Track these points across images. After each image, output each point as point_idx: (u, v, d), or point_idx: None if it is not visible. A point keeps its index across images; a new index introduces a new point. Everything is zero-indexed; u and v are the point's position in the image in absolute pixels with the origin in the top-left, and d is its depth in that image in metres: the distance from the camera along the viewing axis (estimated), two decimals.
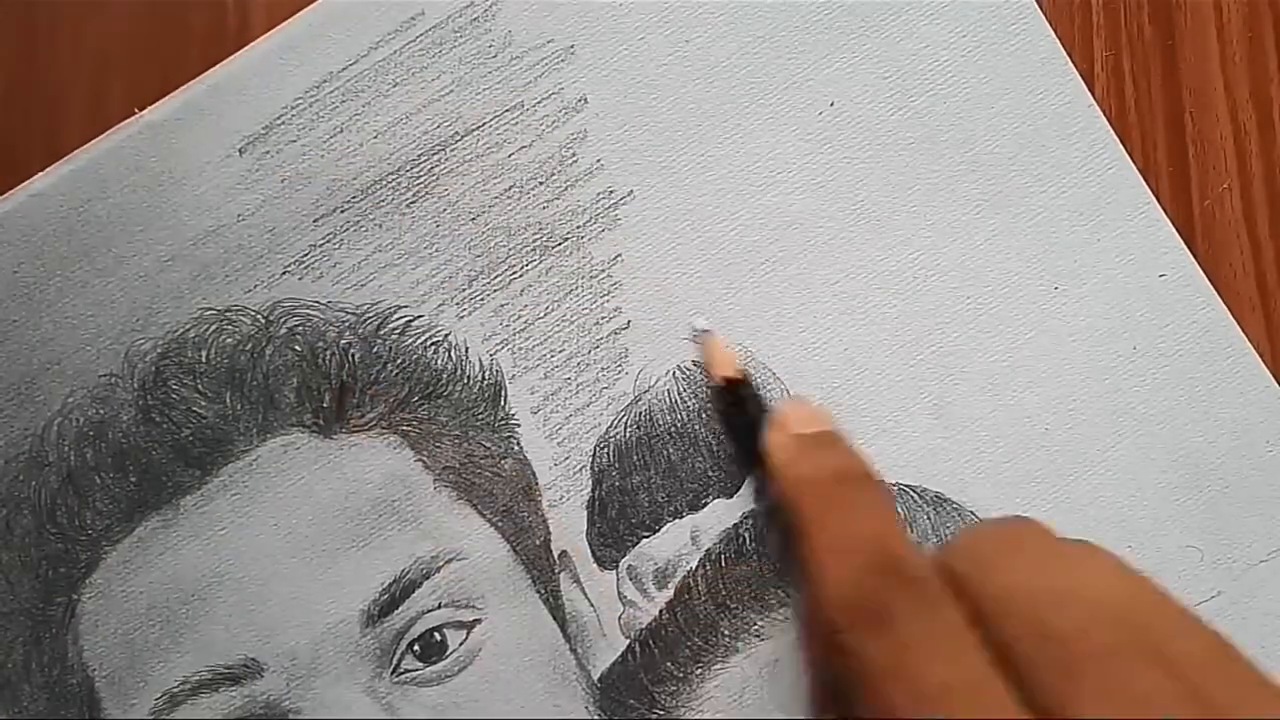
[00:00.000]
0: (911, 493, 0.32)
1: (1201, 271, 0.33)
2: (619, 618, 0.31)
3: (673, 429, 0.32)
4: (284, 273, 0.32)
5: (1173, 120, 0.34)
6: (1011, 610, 0.22)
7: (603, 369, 0.32)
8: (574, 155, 0.33)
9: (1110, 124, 0.34)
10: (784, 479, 0.29)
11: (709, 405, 0.32)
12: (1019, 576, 0.23)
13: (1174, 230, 0.33)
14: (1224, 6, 0.35)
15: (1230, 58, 0.35)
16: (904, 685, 0.22)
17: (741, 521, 0.32)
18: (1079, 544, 0.24)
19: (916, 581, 0.24)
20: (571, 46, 0.33)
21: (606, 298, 0.32)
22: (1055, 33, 0.34)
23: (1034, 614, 0.22)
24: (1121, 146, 0.33)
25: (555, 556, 0.32)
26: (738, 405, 0.31)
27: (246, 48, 0.32)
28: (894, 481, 0.32)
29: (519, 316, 0.32)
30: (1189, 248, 0.33)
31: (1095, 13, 0.35)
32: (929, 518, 0.32)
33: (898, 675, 0.22)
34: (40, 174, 0.31)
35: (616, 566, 0.32)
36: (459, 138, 0.32)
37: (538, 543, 0.32)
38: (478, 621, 0.31)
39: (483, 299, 0.32)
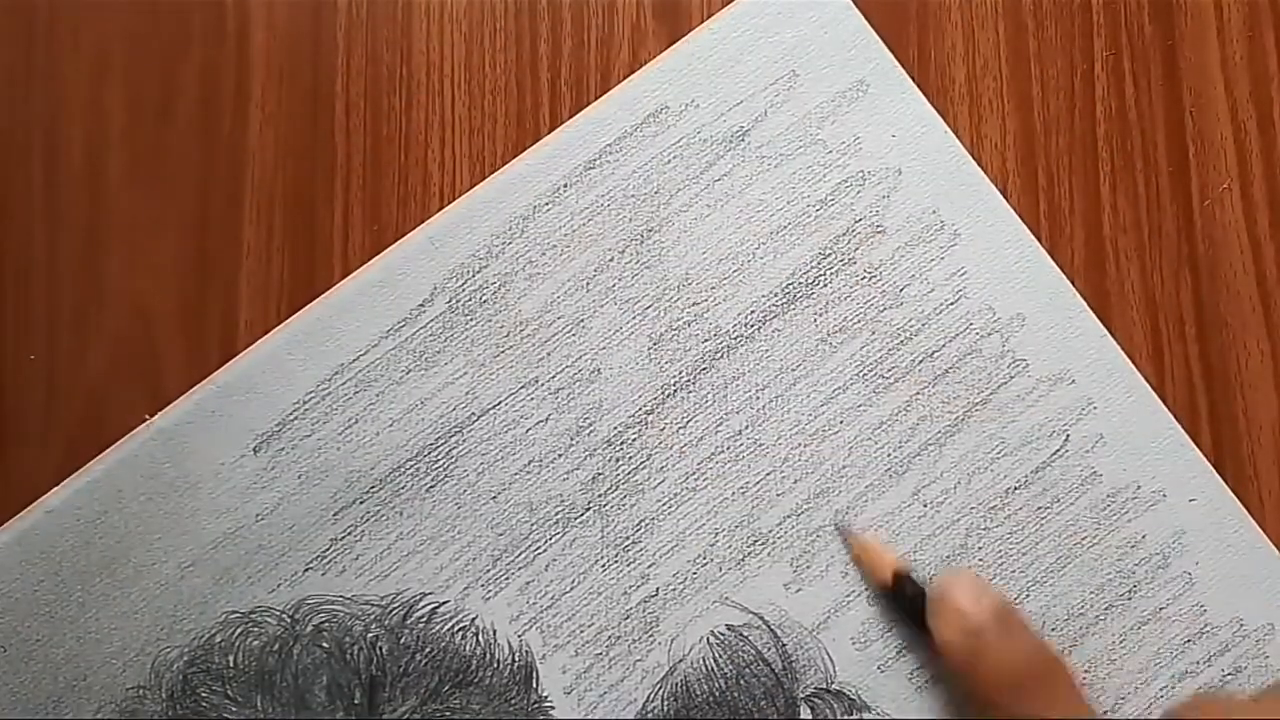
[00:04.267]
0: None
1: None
2: None
3: (711, 698, 0.31)
4: (306, 570, 0.31)
5: (1173, 120, 0.34)
6: None
7: (634, 640, 0.32)
8: (591, 425, 0.32)
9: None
10: (965, 675, 0.28)
11: (745, 671, 0.31)
12: None
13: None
14: (1224, 6, 0.35)
15: (1230, 58, 0.34)
16: None
17: None
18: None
19: None
20: (581, 320, 0.32)
21: (632, 565, 0.32)
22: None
23: None
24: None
25: None
26: (901, 596, 0.31)
27: (253, 345, 0.32)
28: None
29: (545, 593, 0.32)
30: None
31: (1095, 13, 0.35)
32: None
33: None
34: (54, 490, 0.31)
35: None
36: (475, 418, 0.32)
37: None
38: None
39: (508, 578, 0.32)
